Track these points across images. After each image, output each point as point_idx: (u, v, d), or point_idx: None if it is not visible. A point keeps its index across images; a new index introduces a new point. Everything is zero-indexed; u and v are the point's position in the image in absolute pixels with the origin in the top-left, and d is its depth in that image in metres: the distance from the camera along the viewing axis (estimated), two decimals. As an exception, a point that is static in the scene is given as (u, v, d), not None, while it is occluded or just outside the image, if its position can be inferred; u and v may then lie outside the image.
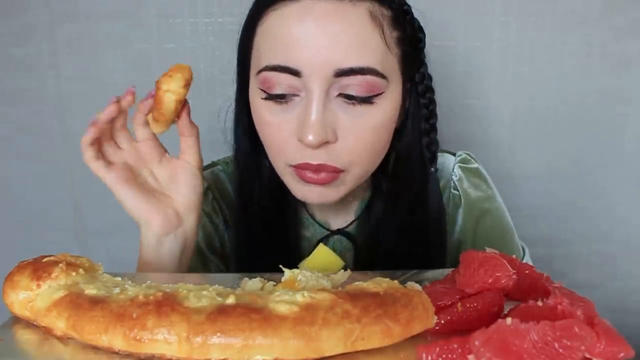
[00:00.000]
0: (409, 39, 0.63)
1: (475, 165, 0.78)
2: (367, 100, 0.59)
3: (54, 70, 1.06)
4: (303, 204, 0.75)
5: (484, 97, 1.05)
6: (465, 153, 0.78)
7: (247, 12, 0.65)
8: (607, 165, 1.07)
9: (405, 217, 0.70)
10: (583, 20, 1.00)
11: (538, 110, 1.05)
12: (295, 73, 0.57)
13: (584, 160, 1.07)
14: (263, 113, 0.61)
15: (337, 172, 0.61)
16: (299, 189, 0.63)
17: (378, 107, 0.59)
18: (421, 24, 0.67)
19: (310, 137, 0.57)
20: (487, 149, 1.06)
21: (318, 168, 0.60)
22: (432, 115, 0.68)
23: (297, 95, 0.59)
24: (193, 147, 0.63)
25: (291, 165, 0.61)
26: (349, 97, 0.58)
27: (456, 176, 0.76)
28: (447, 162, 0.77)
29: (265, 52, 0.60)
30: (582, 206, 1.09)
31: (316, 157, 0.59)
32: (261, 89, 0.60)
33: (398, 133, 0.67)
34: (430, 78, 0.68)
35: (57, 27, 1.04)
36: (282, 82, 0.58)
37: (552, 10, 1.00)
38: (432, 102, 0.67)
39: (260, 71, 0.60)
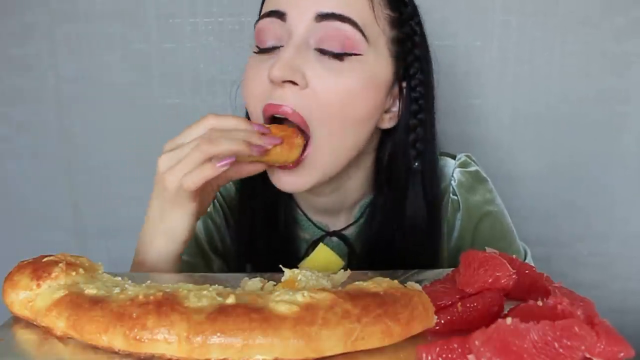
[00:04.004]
0: (404, 25, 0.64)
1: (474, 168, 0.77)
2: (341, 55, 0.59)
3: (54, 70, 1.06)
4: (299, 206, 0.75)
5: (484, 97, 1.05)
6: (466, 155, 0.78)
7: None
8: (606, 165, 1.07)
9: (390, 219, 0.70)
10: (583, 19, 1.00)
11: (538, 110, 1.05)
12: (280, 16, 0.60)
13: (583, 160, 1.07)
14: (248, 68, 0.64)
15: (301, 121, 0.60)
16: (273, 176, 0.63)
17: (352, 69, 0.60)
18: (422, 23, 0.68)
19: (275, 72, 0.58)
20: (487, 148, 1.06)
21: (276, 110, 0.59)
22: (420, 110, 0.67)
23: (282, 46, 0.61)
24: (232, 179, 0.63)
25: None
26: (325, 48, 0.59)
27: (455, 180, 0.75)
28: (447, 166, 0.76)
29: (264, 5, 0.64)
30: (581, 206, 1.09)
31: (283, 99, 0.59)
32: (255, 46, 0.63)
33: (393, 130, 0.68)
34: (425, 73, 0.67)
35: (57, 27, 1.04)
36: (270, 32, 0.61)
37: (552, 9, 1.00)
38: (422, 96, 0.67)
39: (255, 25, 0.63)
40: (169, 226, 0.59)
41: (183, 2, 1.02)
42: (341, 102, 0.60)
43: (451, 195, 0.75)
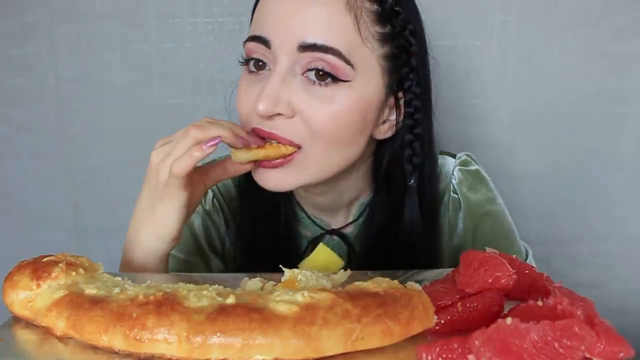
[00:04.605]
0: (396, 37, 0.62)
1: (475, 167, 0.77)
2: (327, 81, 0.59)
3: (54, 70, 1.06)
4: (300, 204, 0.75)
5: (484, 97, 1.05)
6: (466, 154, 0.78)
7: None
8: (606, 165, 1.07)
9: (389, 220, 0.70)
10: (583, 19, 1.00)
11: (537, 110, 1.05)
12: (265, 42, 0.60)
13: (583, 159, 1.07)
14: (240, 85, 0.64)
15: (292, 143, 0.60)
16: (257, 174, 0.63)
17: (339, 95, 0.59)
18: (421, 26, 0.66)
19: (260, 107, 0.58)
20: (486, 148, 1.06)
21: (269, 135, 0.60)
22: (417, 124, 0.66)
23: (270, 67, 0.61)
24: (221, 180, 0.65)
25: None
26: (311, 76, 0.59)
27: (456, 179, 0.75)
28: (447, 165, 0.76)
29: (252, 26, 0.64)
30: (581, 206, 1.09)
31: (271, 128, 0.60)
32: (245, 64, 0.64)
33: (391, 139, 0.67)
34: (422, 84, 0.66)
35: (57, 27, 1.04)
36: (257, 54, 0.61)
37: (551, 9, 1.00)
38: (418, 110, 0.65)
39: (244, 44, 0.63)
40: (157, 222, 0.59)
41: (183, 2, 1.02)
42: (330, 127, 0.60)
43: (452, 193, 0.75)
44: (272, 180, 0.62)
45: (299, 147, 0.61)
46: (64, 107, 1.07)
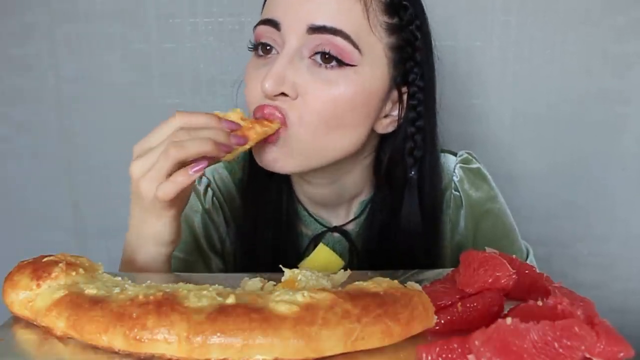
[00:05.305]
0: (403, 30, 0.63)
1: (476, 165, 0.78)
2: (333, 64, 0.60)
3: (54, 70, 1.06)
4: (301, 201, 0.75)
5: (484, 97, 1.05)
6: (467, 153, 0.78)
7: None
8: (606, 166, 1.07)
9: (388, 223, 0.70)
10: (584, 19, 1.00)
11: (538, 110, 1.05)
12: (275, 25, 0.61)
13: (583, 160, 1.07)
14: (248, 70, 0.65)
15: (281, 119, 0.60)
16: (258, 153, 0.63)
17: (344, 79, 0.60)
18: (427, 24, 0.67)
19: (266, 85, 0.59)
20: (487, 148, 1.06)
21: (269, 116, 0.60)
22: (419, 117, 0.67)
23: (278, 51, 0.62)
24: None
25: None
26: (317, 59, 0.60)
27: (457, 177, 0.76)
28: (448, 163, 0.77)
29: (263, 11, 0.65)
30: (581, 206, 1.09)
31: (273, 104, 0.61)
32: (254, 49, 0.65)
33: (393, 135, 0.68)
34: (426, 79, 0.66)
35: (57, 27, 1.04)
36: (267, 38, 0.62)
37: (552, 9, 1.00)
38: (421, 103, 0.66)
39: (254, 29, 0.64)
40: (153, 232, 0.58)
41: (183, 2, 1.02)
42: (328, 109, 0.60)
43: (453, 191, 0.76)
44: (271, 157, 0.62)
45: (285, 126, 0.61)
46: (64, 107, 1.08)
